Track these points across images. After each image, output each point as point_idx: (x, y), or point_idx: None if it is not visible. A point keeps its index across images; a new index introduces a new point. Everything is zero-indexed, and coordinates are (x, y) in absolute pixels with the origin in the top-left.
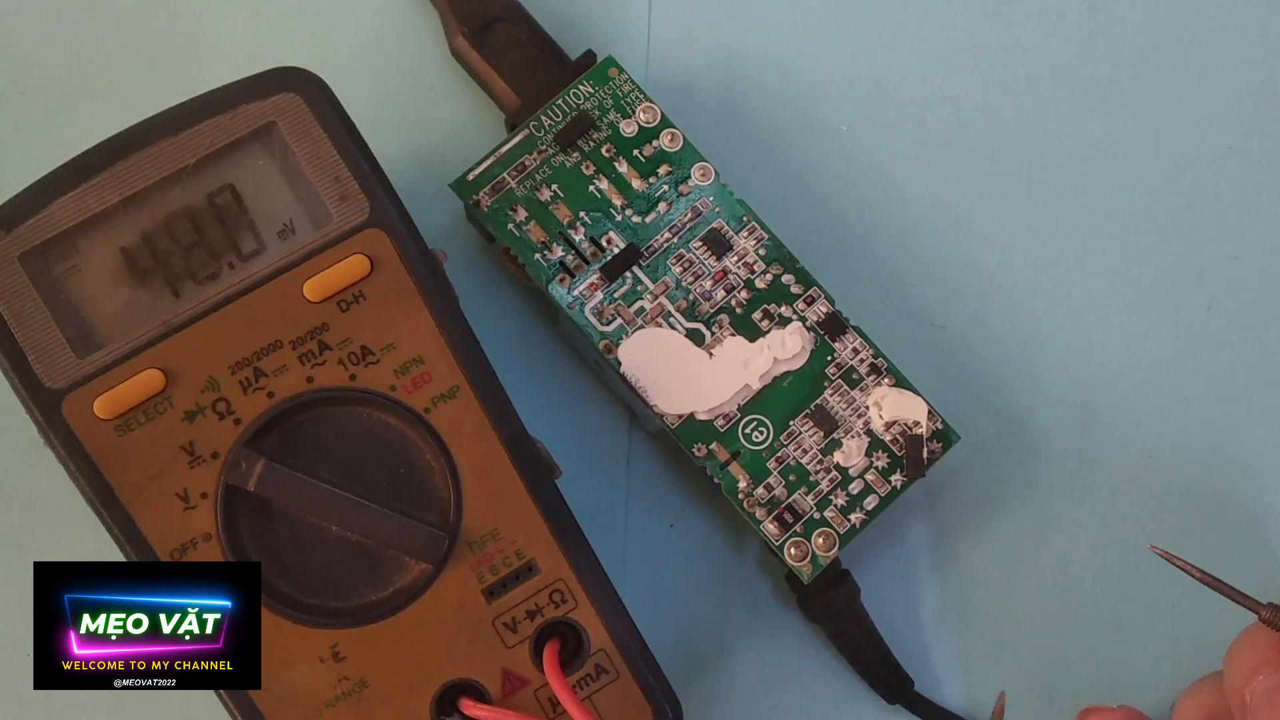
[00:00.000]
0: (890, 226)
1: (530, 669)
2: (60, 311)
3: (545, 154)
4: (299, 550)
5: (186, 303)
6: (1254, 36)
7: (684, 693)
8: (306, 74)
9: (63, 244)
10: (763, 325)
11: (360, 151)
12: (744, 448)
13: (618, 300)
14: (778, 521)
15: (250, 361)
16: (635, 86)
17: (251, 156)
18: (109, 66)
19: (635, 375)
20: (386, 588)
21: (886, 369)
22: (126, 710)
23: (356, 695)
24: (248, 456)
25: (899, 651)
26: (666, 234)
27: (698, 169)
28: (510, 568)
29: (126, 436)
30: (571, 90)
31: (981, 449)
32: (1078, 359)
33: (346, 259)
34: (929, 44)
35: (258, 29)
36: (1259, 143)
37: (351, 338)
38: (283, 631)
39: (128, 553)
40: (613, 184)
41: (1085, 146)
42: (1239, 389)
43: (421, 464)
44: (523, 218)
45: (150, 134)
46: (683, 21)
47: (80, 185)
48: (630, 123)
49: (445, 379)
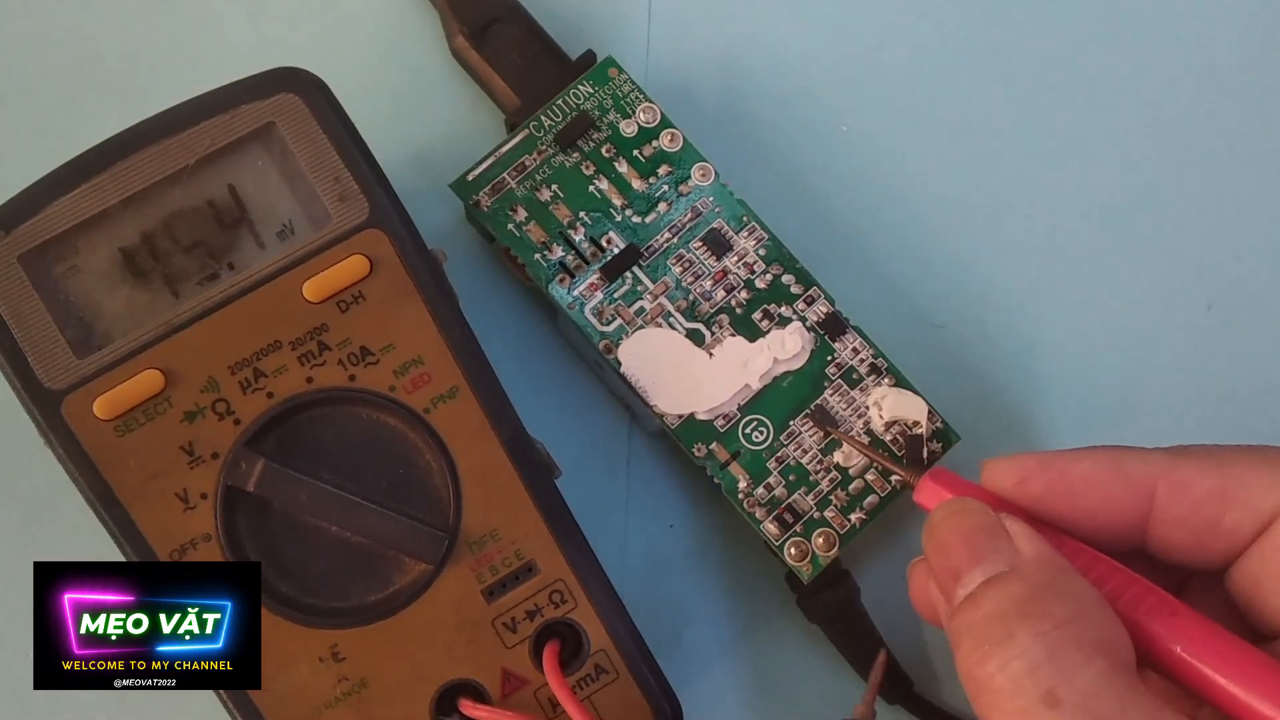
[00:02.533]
0: (890, 226)
1: (530, 669)
2: (60, 312)
3: (545, 154)
4: (298, 551)
5: (186, 303)
6: (1254, 36)
7: (684, 693)
8: (306, 74)
9: (63, 244)
10: (763, 325)
11: (360, 152)
12: (744, 448)
13: (618, 300)
14: (778, 521)
15: (250, 362)
16: (635, 86)
17: (251, 157)
18: (109, 66)
19: (635, 375)
20: (386, 588)
21: (886, 369)
22: (126, 710)
23: (356, 696)
24: (247, 457)
25: (899, 651)
26: (666, 234)
27: (698, 169)
28: (510, 568)
29: (126, 437)
30: (571, 90)
31: (981, 449)
32: (1078, 359)
33: (346, 259)
34: (929, 44)
35: (258, 29)
36: (1259, 143)
37: (351, 338)
38: (282, 632)
39: (127, 553)
40: (613, 184)
41: (1085, 146)
42: (1239, 389)
43: (421, 464)
44: (523, 218)
45: (150, 134)
46: (683, 21)
47: (80, 186)
48: (630, 123)
49: (445, 379)
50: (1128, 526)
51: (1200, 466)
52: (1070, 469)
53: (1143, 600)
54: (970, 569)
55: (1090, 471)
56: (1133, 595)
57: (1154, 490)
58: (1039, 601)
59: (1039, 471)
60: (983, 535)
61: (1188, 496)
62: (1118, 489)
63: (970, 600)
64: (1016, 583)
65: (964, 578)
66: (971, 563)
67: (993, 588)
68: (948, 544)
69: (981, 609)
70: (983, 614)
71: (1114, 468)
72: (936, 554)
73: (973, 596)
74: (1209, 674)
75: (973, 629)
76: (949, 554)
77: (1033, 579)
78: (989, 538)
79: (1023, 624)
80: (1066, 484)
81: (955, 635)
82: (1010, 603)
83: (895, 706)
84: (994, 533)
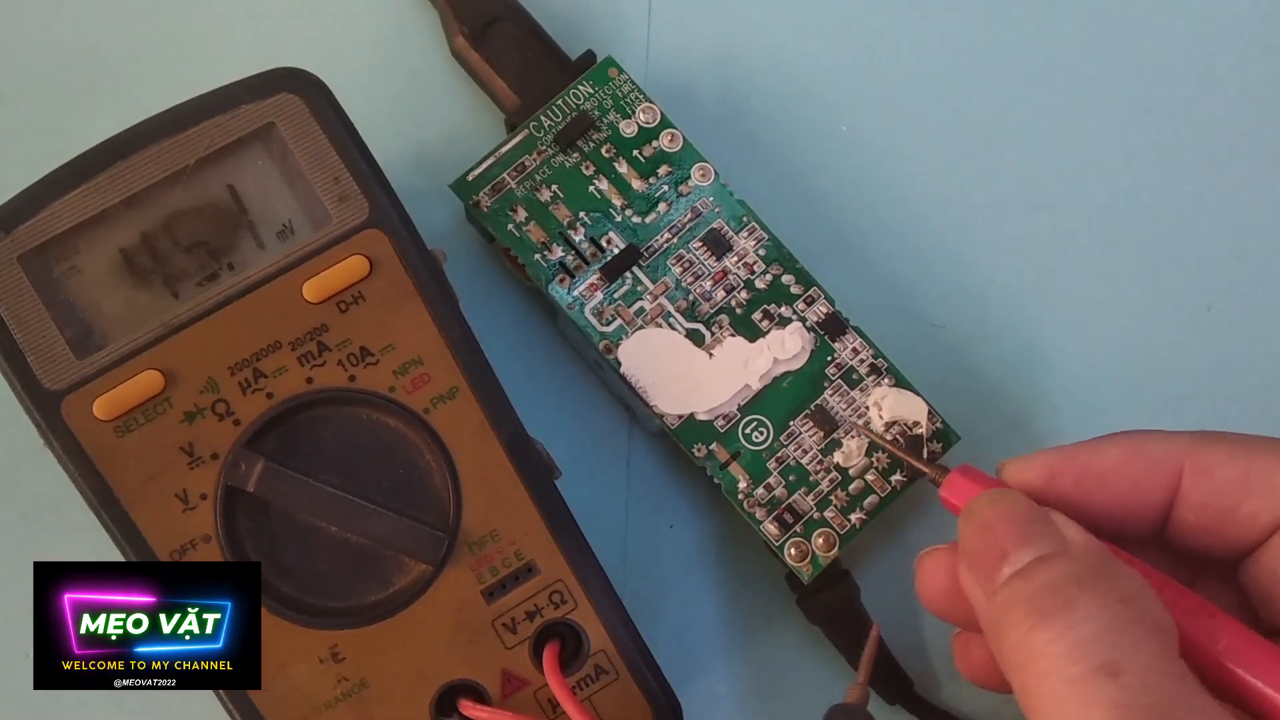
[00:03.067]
0: (890, 226)
1: (530, 670)
2: (60, 312)
3: (545, 154)
4: (298, 551)
5: (186, 304)
6: (1254, 36)
7: (684, 693)
8: (306, 75)
9: (62, 245)
10: (763, 325)
11: (359, 152)
12: (744, 448)
13: (618, 301)
14: (778, 522)
15: (249, 362)
16: (635, 86)
17: (251, 157)
18: (109, 66)
19: (635, 376)
20: (386, 588)
21: (886, 369)
22: (126, 710)
23: (356, 696)
24: (247, 457)
25: (899, 652)
26: (666, 234)
27: (697, 169)
28: (510, 568)
29: (126, 437)
30: (571, 90)
31: (981, 449)
32: (1078, 359)
33: (346, 260)
34: (929, 44)
35: (258, 29)
36: (1259, 143)
37: (351, 338)
38: (282, 632)
39: (127, 553)
40: (613, 184)
41: (1085, 146)
42: (1239, 389)
43: (421, 465)
44: (523, 218)
45: (150, 134)
46: (683, 21)
47: (80, 186)
48: (630, 123)
49: (444, 380)
50: (1155, 510)
51: (1227, 450)
52: (1096, 459)
53: (1179, 602)
54: (1019, 548)
55: (1118, 460)
56: (1168, 596)
57: (1180, 472)
58: (1098, 576)
59: (1065, 465)
60: (1030, 520)
61: (1210, 481)
62: (1145, 474)
63: (1021, 574)
64: (1070, 561)
65: (1012, 556)
66: (1020, 543)
67: (1046, 563)
68: (994, 526)
69: (1035, 581)
70: (1037, 585)
71: (1139, 453)
72: (979, 535)
73: (1023, 571)
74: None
75: (1027, 598)
76: (995, 535)
77: (1086, 560)
78: (1037, 522)
79: (1084, 592)
80: (1095, 475)
81: (1002, 608)
82: (1068, 576)
83: (895, 707)
84: (1042, 518)
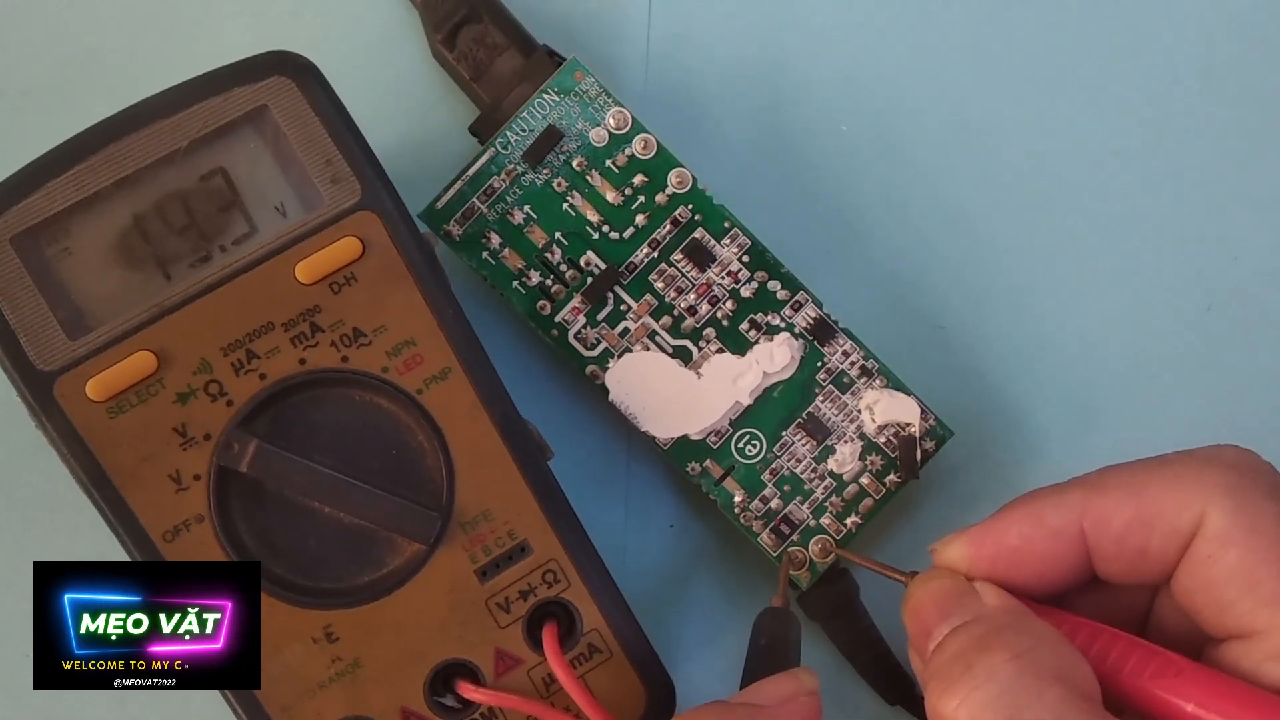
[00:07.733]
0: (890, 226)
1: (523, 649)
2: (52, 294)
3: (515, 173)
4: (291, 532)
5: (178, 285)
6: (1254, 36)
7: (683, 692)
8: (298, 58)
9: (55, 226)
10: (750, 336)
11: (351, 135)
12: (737, 462)
13: (601, 324)
14: (774, 533)
15: (242, 343)
16: (603, 90)
17: (243, 139)
18: (109, 66)
19: (624, 402)
20: (379, 569)
21: (877, 370)
22: (127, 710)
23: (350, 676)
24: (240, 438)
25: (899, 652)
26: (646, 249)
27: (674, 175)
28: (503, 548)
29: (118, 418)
30: (535, 101)
31: (981, 449)
32: (1078, 359)
33: (338, 241)
34: (929, 44)
35: (257, 29)
36: (1259, 143)
37: (343, 319)
38: (275, 613)
39: (120, 534)
40: (586, 199)
41: (1085, 146)
42: (1239, 389)
43: (414, 445)
44: (496, 244)
45: (142, 117)
46: (683, 21)
47: (73, 168)
48: (600, 130)
49: (437, 360)
50: (1075, 571)
51: (1116, 497)
52: (1003, 539)
53: (1147, 665)
54: (939, 623)
55: (1019, 540)
56: (1136, 662)
57: (1080, 534)
58: (996, 636)
59: (978, 547)
60: (953, 596)
61: (1110, 531)
62: (1048, 546)
63: (937, 648)
64: (977, 625)
65: (934, 632)
66: (940, 618)
67: (956, 633)
68: (922, 606)
69: (946, 652)
70: (946, 656)
71: (1037, 526)
72: (911, 619)
73: (940, 644)
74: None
75: (937, 669)
76: (923, 614)
77: (993, 622)
78: (958, 597)
79: (980, 657)
80: (1006, 555)
81: (926, 683)
82: (970, 642)
83: (895, 707)
84: (964, 592)
